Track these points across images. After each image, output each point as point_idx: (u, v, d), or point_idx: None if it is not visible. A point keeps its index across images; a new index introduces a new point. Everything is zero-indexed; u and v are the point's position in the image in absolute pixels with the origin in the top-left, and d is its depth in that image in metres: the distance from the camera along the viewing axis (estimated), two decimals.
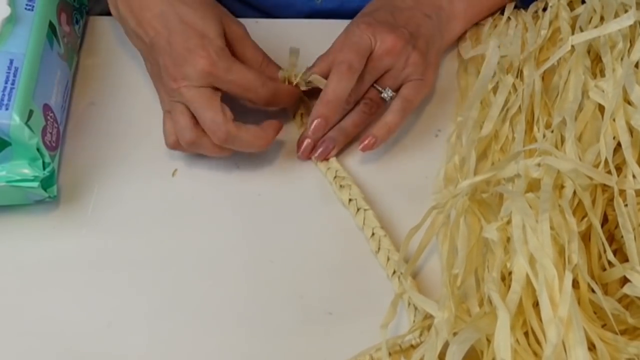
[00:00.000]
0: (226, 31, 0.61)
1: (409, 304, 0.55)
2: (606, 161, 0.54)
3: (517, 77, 0.65)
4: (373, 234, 0.59)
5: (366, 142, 0.63)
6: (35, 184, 0.57)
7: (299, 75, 0.64)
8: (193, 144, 0.60)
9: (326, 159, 0.64)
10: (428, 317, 0.53)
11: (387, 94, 0.64)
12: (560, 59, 0.63)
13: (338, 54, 0.62)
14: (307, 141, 0.64)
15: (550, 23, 0.68)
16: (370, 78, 0.64)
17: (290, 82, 0.64)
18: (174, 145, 0.62)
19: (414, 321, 0.54)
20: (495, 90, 0.66)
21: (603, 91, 0.58)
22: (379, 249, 0.59)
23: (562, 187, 0.53)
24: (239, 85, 0.59)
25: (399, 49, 0.63)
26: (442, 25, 0.68)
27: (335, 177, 0.63)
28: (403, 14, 0.66)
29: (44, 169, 0.57)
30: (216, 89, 0.59)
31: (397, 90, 0.65)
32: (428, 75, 0.65)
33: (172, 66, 0.59)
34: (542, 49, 0.68)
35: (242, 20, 0.64)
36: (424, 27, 0.66)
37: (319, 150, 0.63)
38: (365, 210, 0.60)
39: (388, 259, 0.58)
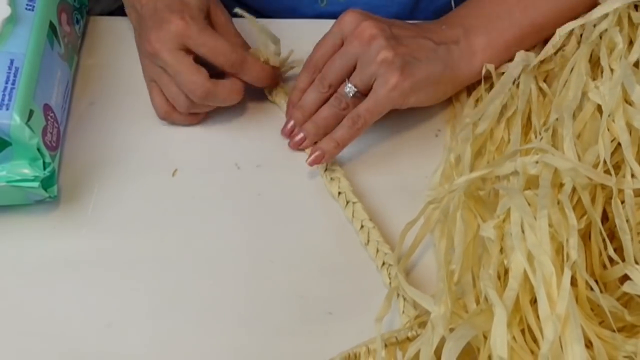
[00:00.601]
0: (210, 14, 0.64)
1: (398, 295, 0.55)
2: (604, 161, 0.54)
3: (513, 83, 0.65)
4: (362, 226, 0.59)
5: (313, 156, 0.62)
6: (36, 184, 0.57)
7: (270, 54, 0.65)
8: (190, 106, 0.63)
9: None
10: (422, 314, 0.53)
11: (349, 88, 0.62)
12: (560, 64, 0.63)
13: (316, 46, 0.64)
14: (291, 123, 0.65)
15: None
16: (341, 63, 0.62)
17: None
18: (166, 115, 0.65)
19: (402, 312, 0.54)
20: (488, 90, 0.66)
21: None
22: (368, 241, 0.59)
23: (561, 185, 0.52)
24: (210, 47, 0.61)
25: (367, 36, 0.60)
26: (450, 57, 0.63)
27: (326, 169, 0.63)
28: (410, 32, 0.63)
29: (44, 169, 0.57)
30: (189, 52, 0.61)
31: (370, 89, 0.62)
32: (400, 85, 0.60)
33: (150, 29, 0.61)
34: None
35: (242, 21, 0.64)
36: (421, 46, 0.62)
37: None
38: (354, 203, 0.60)
39: (377, 251, 0.58)
